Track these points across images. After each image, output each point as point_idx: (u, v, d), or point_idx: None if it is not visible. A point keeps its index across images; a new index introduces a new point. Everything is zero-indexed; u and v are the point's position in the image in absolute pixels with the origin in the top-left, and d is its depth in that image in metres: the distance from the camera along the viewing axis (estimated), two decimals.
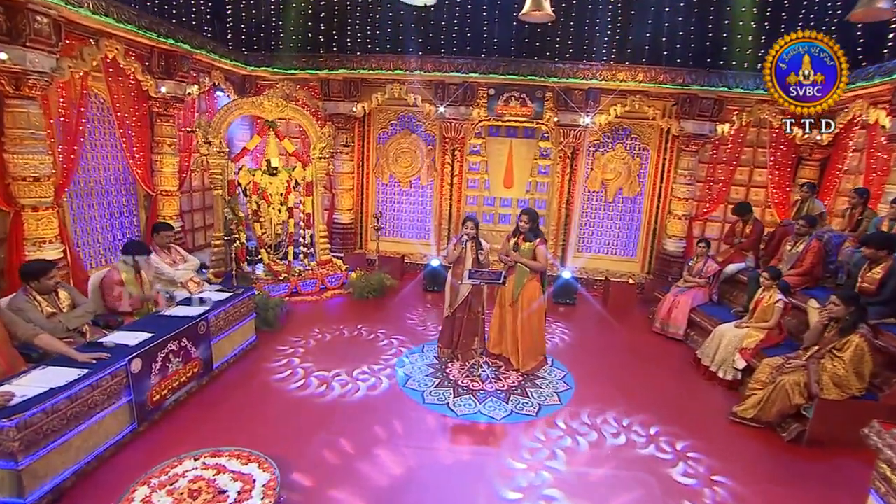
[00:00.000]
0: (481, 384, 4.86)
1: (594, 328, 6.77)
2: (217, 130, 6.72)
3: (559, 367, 5.38)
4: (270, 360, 5.19)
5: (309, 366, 5.10)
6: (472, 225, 5.10)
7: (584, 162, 8.57)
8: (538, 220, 5.11)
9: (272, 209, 7.42)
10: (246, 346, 5.34)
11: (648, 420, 4.37)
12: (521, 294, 4.97)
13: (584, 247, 8.90)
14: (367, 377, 4.93)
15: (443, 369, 5.16)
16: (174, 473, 3.10)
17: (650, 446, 4.00)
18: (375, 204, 9.15)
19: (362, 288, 7.37)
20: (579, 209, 8.74)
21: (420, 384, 4.84)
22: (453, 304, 5.30)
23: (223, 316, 4.90)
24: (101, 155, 6.23)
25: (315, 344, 5.64)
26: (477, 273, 4.75)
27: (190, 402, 4.34)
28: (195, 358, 4.42)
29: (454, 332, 5.36)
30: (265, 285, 6.90)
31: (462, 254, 5.19)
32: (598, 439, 4.08)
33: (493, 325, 5.28)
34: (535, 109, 8.11)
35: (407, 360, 5.41)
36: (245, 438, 3.77)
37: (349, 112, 8.38)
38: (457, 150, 8.67)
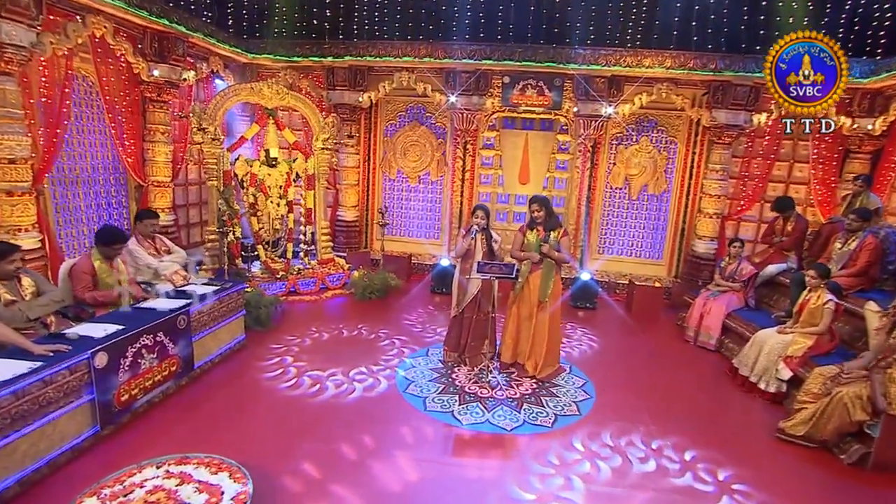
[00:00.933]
0: (491, 391, 4.48)
1: (617, 334, 6.34)
2: (212, 117, 6.49)
3: (578, 375, 4.96)
4: (263, 358, 4.95)
5: (302, 364, 4.85)
6: (482, 214, 4.77)
7: (606, 156, 8.18)
8: (551, 204, 4.74)
9: (270, 203, 7.16)
10: (233, 345, 5.04)
11: (682, 443, 3.87)
12: (550, 294, 4.60)
13: (605, 248, 8.47)
14: (365, 377, 4.66)
15: (448, 374, 4.81)
16: (130, 483, 2.77)
17: (686, 474, 3.51)
18: (382, 201, 8.85)
19: (364, 288, 7.04)
20: (601, 207, 8.35)
21: (422, 390, 4.48)
22: (461, 302, 4.95)
23: (207, 311, 4.60)
24: (89, 141, 6.03)
25: (311, 343, 5.39)
26: (486, 266, 4.38)
27: (166, 404, 4.03)
28: (173, 355, 4.11)
29: (462, 333, 5.01)
30: (261, 283, 6.62)
31: (471, 247, 4.85)
32: (623, 465, 3.58)
33: (508, 330, 4.87)
34: (554, 99, 7.76)
35: (409, 360, 5.10)
36: (222, 445, 3.44)
37: (355, 102, 8.12)
38: (469, 144, 8.34)
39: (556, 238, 4.59)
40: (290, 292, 6.91)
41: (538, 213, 4.60)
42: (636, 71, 7.26)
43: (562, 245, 4.60)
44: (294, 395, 4.27)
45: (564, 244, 4.61)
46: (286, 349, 5.17)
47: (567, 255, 4.62)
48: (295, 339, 5.43)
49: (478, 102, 7.86)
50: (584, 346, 5.83)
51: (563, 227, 4.70)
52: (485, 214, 4.78)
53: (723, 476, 3.52)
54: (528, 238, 4.70)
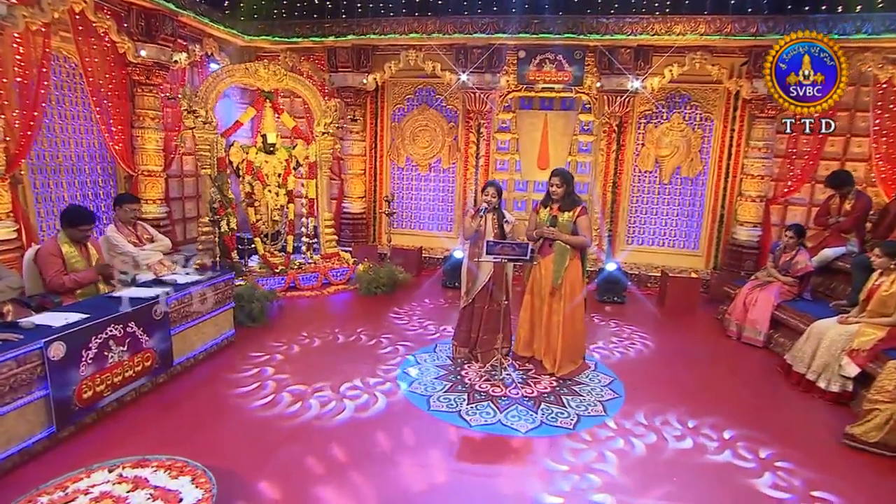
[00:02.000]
0: (504, 389, 4.09)
1: (648, 330, 5.87)
2: (204, 100, 6.27)
3: (605, 373, 4.53)
4: (237, 368, 4.36)
5: (284, 378, 4.20)
6: (493, 192, 4.41)
7: (634, 136, 7.74)
8: (573, 182, 4.34)
9: (268, 192, 6.91)
10: (220, 340, 4.76)
11: (722, 423, 3.63)
12: (564, 277, 4.21)
13: (634, 238, 8.01)
14: (358, 393, 4.00)
15: (457, 371, 4.45)
16: (74, 489, 2.47)
17: (725, 451, 3.39)
18: (390, 190, 8.54)
19: (369, 282, 6.73)
20: (628, 193, 7.91)
21: (426, 388, 4.13)
22: (471, 291, 4.59)
23: (189, 301, 4.33)
24: (73, 127, 5.87)
25: (299, 350, 4.81)
26: (497, 245, 4.00)
27: (140, 403, 3.76)
28: (147, 349, 3.84)
29: (472, 326, 4.65)
30: (258, 278, 6.35)
31: (481, 228, 4.48)
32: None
33: (523, 321, 4.51)
34: (574, 74, 7.37)
35: (413, 356, 4.75)
36: (198, 448, 3.16)
37: (359, 85, 7.86)
38: (482, 127, 8.01)
39: (571, 218, 4.21)
40: (289, 288, 6.65)
41: (557, 188, 4.22)
42: (666, 39, 6.82)
43: (579, 225, 4.22)
44: (266, 417, 3.60)
45: (582, 224, 4.22)
46: (268, 358, 4.58)
47: (581, 239, 4.21)
48: (280, 346, 4.85)
49: (491, 81, 7.52)
50: (611, 342, 5.39)
51: (582, 204, 4.29)
52: (496, 192, 4.43)
53: (765, 454, 3.30)
54: (541, 216, 4.33)
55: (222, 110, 7.77)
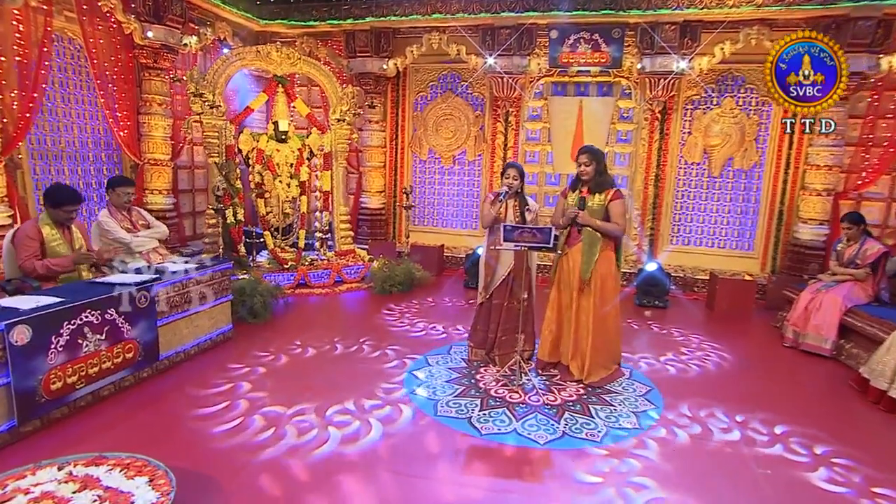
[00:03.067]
0: (523, 396, 3.75)
1: (694, 336, 5.39)
2: (213, 84, 6.21)
3: (641, 381, 4.12)
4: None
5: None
6: (514, 174, 4.13)
7: (680, 124, 7.28)
8: (604, 160, 3.98)
9: (279, 183, 6.79)
10: (215, 335, 4.60)
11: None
12: (595, 271, 3.86)
13: (679, 237, 7.52)
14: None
15: (472, 375, 4.14)
16: (14, 489, 2.27)
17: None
18: (412, 182, 8.31)
19: (384, 280, 6.50)
20: (673, 187, 7.44)
21: (435, 391, 3.85)
22: (489, 285, 4.28)
23: (180, 290, 4.17)
24: (77, 112, 5.86)
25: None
26: (515, 231, 3.68)
27: (119, 398, 3.60)
28: (129, 339, 3.67)
29: (490, 326, 4.33)
30: (266, 274, 6.21)
31: (500, 215, 4.18)
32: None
33: (548, 320, 4.15)
34: (612, 55, 6.99)
35: (423, 359, 4.46)
36: (172, 449, 2.97)
37: (379, 70, 7.68)
38: (511, 116, 7.71)
39: (602, 202, 3.85)
40: (298, 285, 6.48)
41: (586, 167, 3.87)
42: (716, 13, 6.38)
43: (611, 211, 3.86)
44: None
45: (615, 210, 3.85)
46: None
47: (614, 226, 3.84)
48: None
49: (520, 64, 7.22)
50: (650, 348, 4.97)
51: (617, 187, 3.93)
52: (518, 174, 4.14)
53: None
54: (569, 200, 3.98)
55: (239, 99, 7.75)
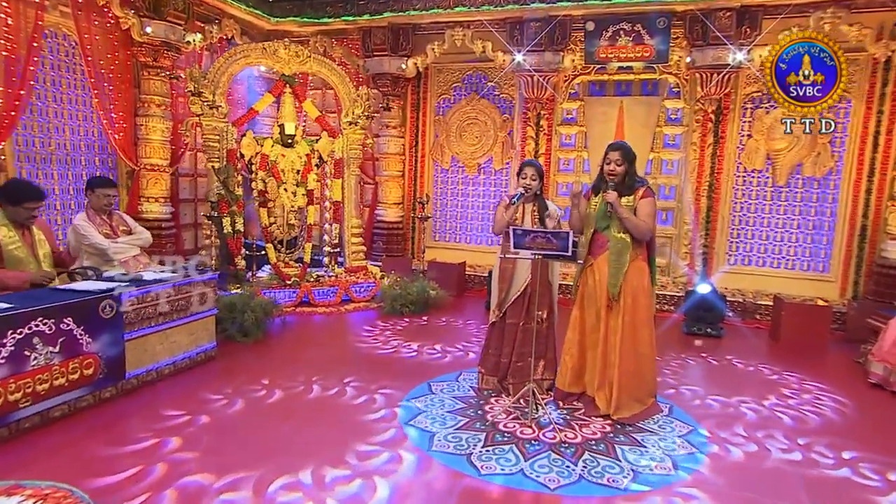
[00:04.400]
0: (537, 431, 3.39)
1: (754, 370, 4.90)
2: (214, 83, 6.20)
3: (683, 420, 3.69)
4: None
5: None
6: (532, 173, 3.87)
7: (737, 126, 6.85)
8: (635, 159, 3.67)
9: (284, 191, 6.68)
10: (195, 353, 4.42)
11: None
12: (624, 285, 3.53)
13: (737, 256, 7.02)
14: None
15: (480, 405, 3.83)
16: None
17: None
18: (433, 196, 8.12)
19: (395, 299, 6.25)
20: (729, 199, 6.98)
21: (432, 422, 3.54)
22: (503, 301, 3.98)
23: (154, 300, 4.00)
24: (69, 113, 5.90)
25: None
26: (527, 236, 3.37)
27: (73, 420, 3.40)
28: (89, 354, 3.51)
29: (503, 348, 4.01)
30: (265, 290, 6.06)
31: (517, 220, 3.92)
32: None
33: (570, 343, 3.82)
34: (657, 48, 6.67)
35: (427, 385, 4.14)
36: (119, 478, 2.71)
37: (397, 71, 7.58)
38: (543, 119, 7.45)
39: (631, 204, 3.56)
40: (301, 302, 6.30)
41: (618, 167, 3.56)
42: None
43: (639, 210, 3.55)
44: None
45: (644, 210, 3.54)
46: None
47: (643, 224, 3.52)
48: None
49: (553, 61, 6.99)
50: (698, 383, 4.51)
51: (646, 186, 3.63)
52: (536, 174, 3.88)
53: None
54: (592, 204, 3.68)
55: (249, 102, 7.77)
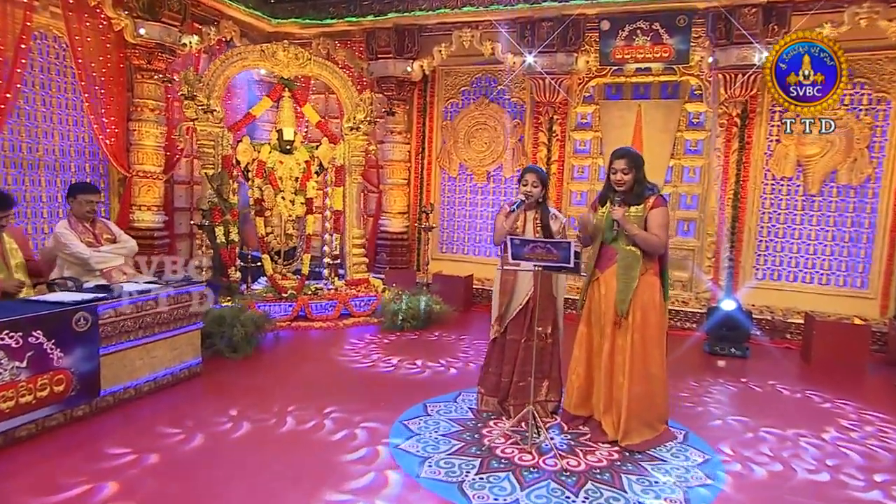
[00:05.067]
0: (537, 458, 3.25)
1: (781, 395, 4.70)
2: (209, 87, 6.19)
3: (699, 448, 3.51)
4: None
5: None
6: (534, 179, 3.78)
7: (765, 130, 6.65)
8: (643, 165, 3.55)
9: (281, 199, 6.62)
10: (179, 370, 4.35)
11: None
12: (633, 301, 3.39)
13: (765, 270, 6.80)
14: None
15: (477, 428, 3.70)
16: None
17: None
18: (439, 206, 8.03)
19: (394, 314, 6.14)
20: (756, 208, 6.78)
21: (423, 447, 3.40)
22: (504, 315, 3.85)
23: (134, 312, 3.94)
24: (59, 117, 5.91)
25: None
26: (526, 246, 3.24)
27: (40, 441, 3.31)
28: (60, 369, 3.43)
29: (503, 367, 3.88)
30: (260, 304, 5.99)
31: (517, 229, 3.82)
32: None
33: (576, 362, 3.70)
34: (677, 48, 6.53)
35: (423, 406, 4.02)
36: None
37: (403, 74, 7.53)
38: (556, 124, 7.33)
39: (640, 214, 3.44)
40: (297, 317, 6.22)
41: (625, 176, 3.45)
42: None
43: (650, 220, 3.42)
44: None
45: (655, 220, 3.41)
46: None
47: (654, 238, 3.38)
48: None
49: (566, 63, 6.89)
50: (718, 406, 4.32)
51: (657, 194, 3.51)
52: (538, 180, 3.78)
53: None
54: (600, 215, 3.57)
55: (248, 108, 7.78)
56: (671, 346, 5.84)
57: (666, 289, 3.54)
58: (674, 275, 7.01)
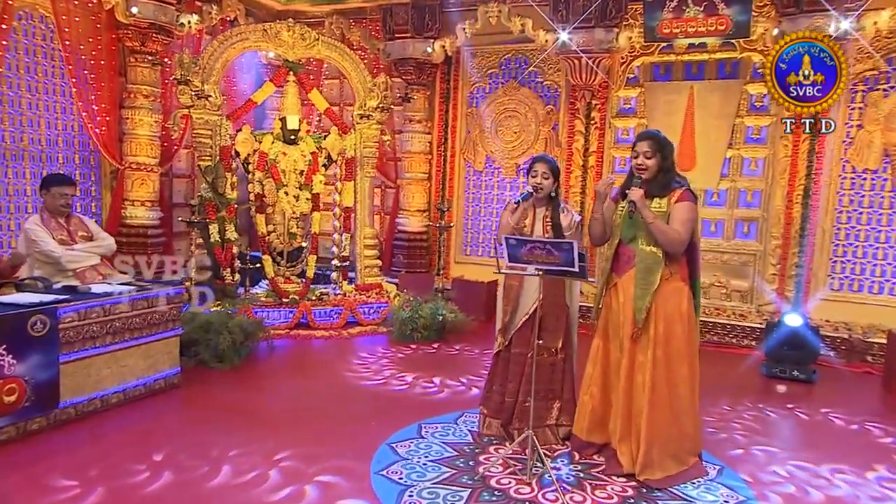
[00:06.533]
0: (535, 491, 3.12)
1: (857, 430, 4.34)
2: (207, 70, 6.22)
3: (734, 486, 3.26)
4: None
5: None
6: (544, 170, 3.67)
7: (844, 114, 6.28)
8: (672, 154, 3.37)
9: (284, 195, 6.60)
10: (152, 380, 4.34)
11: None
12: (655, 310, 3.20)
13: (841, 279, 6.39)
14: None
15: (474, 454, 3.59)
16: None
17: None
18: (463, 200, 7.93)
19: (404, 323, 6.05)
20: (832, 206, 6.38)
21: (407, 474, 3.28)
22: (508, 326, 3.74)
23: (101, 316, 3.94)
24: (46, 104, 6.03)
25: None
26: (523, 247, 3.07)
27: None
28: (11, 378, 3.42)
29: (507, 385, 3.76)
30: (258, 310, 5.99)
31: (525, 228, 3.68)
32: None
33: (590, 379, 3.54)
34: (735, 19, 6.24)
35: (417, 427, 3.91)
36: None
37: (423, 55, 7.43)
38: (594, 111, 7.13)
39: (665, 208, 3.29)
40: (298, 324, 6.19)
41: (647, 160, 3.28)
42: None
43: (672, 214, 3.26)
44: None
45: (677, 214, 3.24)
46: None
47: (671, 232, 3.19)
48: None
49: (605, 40, 6.68)
50: (768, 440, 4.02)
51: (685, 187, 3.33)
52: (549, 172, 3.66)
53: None
54: (619, 210, 3.41)
55: None
56: (724, 366, 5.68)
57: (697, 297, 3.35)
58: (731, 283, 6.74)
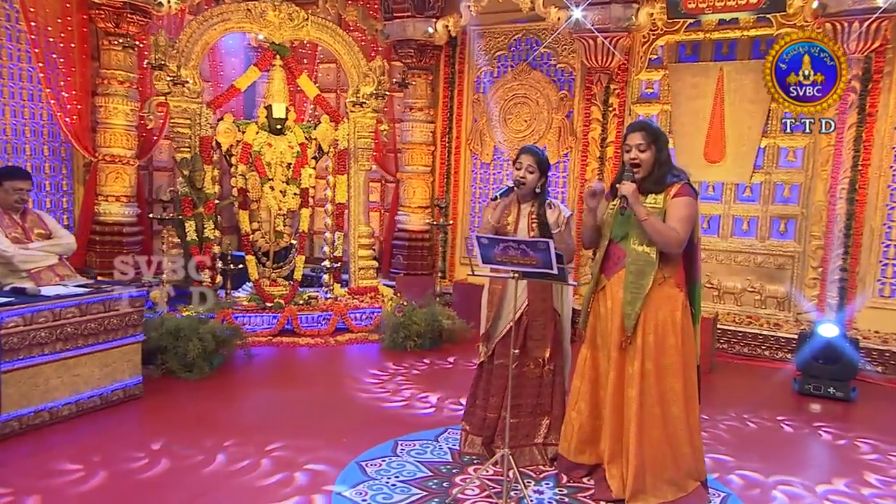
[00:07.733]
0: None
1: None
2: (185, 54, 6.21)
3: None
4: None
5: None
6: (529, 163, 3.66)
7: (895, 96, 6.10)
8: (668, 146, 3.35)
9: (269, 189, 6.57)
10: (109, 391, 4.35)
11: None
12: (645, 318, 3.11)
13: (894, 286, 6.20)
14: None
15: (450, 475, 3.55)
16: None
17: None
18: (469, 196, 7.86)
19: (395, 330, 5.99)
20: (883, 203, 6.20)
21: (375, 493, 3.28)
22: (491, 334, 3.71)
23: (46, 321, 3.91)
24: (11, 91, 6.05)
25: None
26: (497, 246, 2.97)
27: None
28: None
29: (490, 399, 3.73)
30: (239, 315, 5.98)
31: (508, 225, 3.67)
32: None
33: (578, 393, 3.47)
34: None
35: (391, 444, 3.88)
36: None
37: (424, 37, 7.39)
38: (613, 96, 7.08)
39: (660, 205, 3.21)
40: (282, 331, 6.17)
41: (640, 153, 3.19)
42: None
43: (669, 210, 3.17)
44: None
45: (674, 211, 3.16)
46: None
47: (666, 230, 3.11)
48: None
49: (623, 17, 6.57)
50: (791, 466, 3.88)
51: (684, 181, 3.27)
52: (534, 164, 3.64)
53: None
54: (610, 207, 3.37)
55: None
56: (753, 380, 5.52)
57: (696, 306, 3.27)
58: (766, 289, 6.58)
